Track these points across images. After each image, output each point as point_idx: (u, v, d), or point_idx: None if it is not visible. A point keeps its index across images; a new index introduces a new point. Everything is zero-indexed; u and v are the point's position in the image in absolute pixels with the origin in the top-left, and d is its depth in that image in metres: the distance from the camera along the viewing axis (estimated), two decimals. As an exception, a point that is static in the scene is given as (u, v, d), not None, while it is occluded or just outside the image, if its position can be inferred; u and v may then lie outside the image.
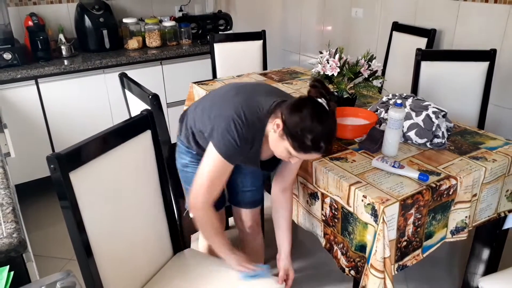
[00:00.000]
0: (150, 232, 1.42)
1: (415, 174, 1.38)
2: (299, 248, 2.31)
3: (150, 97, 1.49)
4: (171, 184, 1.58)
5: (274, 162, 1.48)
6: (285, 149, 1.24)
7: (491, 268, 1.75)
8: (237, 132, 1.27)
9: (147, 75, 2.98)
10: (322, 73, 1.85)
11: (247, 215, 1.72)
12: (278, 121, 1.23)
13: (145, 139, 1.37)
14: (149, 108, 1.50)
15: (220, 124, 1.31)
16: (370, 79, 1.86)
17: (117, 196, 1.26)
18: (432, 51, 2.33)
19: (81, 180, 1.13)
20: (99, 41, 2.99)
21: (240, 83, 1.51)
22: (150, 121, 1.38)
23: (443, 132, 1.58)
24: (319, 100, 1.20)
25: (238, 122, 1.28)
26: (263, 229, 2.03)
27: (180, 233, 1.65)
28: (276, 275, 1.49)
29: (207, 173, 1.32)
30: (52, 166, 1.06)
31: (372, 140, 1.59)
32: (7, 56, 2.56)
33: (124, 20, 3.18)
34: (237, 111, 1.29)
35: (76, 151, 1.13)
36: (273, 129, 1.26)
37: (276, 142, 1.27)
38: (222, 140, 1.29)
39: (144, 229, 1.38)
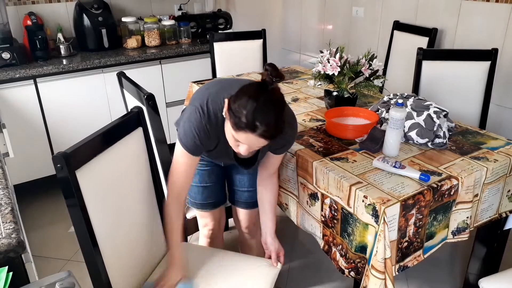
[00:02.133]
0: (146, 227, 1.42)
1: (416, 174, 1.38)
2: (299, 248, 2.30)
3: (145, 97, 1.49)
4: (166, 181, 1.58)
5: (252, 158, 1.45)
6: (229, 131, 1.21)
7: (492, 268, 1.74)
8: (197, 122, 1.27)
9: (146, 75, 2.97)
10: (322, 72, 1.84)
11: (244, 215, 1.72)
12: (226, 101, 1.21)
13: (137, 136, 1.37)
14: (143, 106, 1.50)
15: (185, 114, 1.32)
16: (371, 78, 1.85)
17: (116, 192, 1.27)
18: (434, 51, 2.32)
19: (86, 178, 1.13)
20: (98, 40, 2.98)
21: (226, 78, 1.51)
22: (141, 118, 1.38)
23: (444, 132, 1.57)
24: (267, 82, 1.17)
25: (200, 113, 1.28)
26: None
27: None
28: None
29: (172, 164, 1.35)
30: (59, 165, 1.05)
31: (373, 140, 1.59)
32: (6, 55, 2.55)
33: (123, 19, 3.17)
34: (202, 102, 1.30)
35: (80, 150, 1.13)
36: (224, 113, 1.23)
37: (226, 125, 1.24)
38: (183, 130, 1.30)
39: (141, 224, 1.39)
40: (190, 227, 1.85)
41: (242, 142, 1.20)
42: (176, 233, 1.39)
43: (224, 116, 1.23)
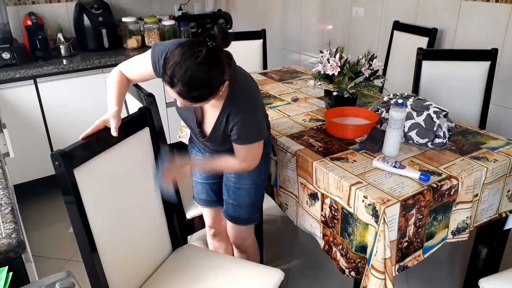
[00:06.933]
0: (150, 227, 1.42)
1: (416, 174, 1.38)
2: (299, 248, 2.30)
3: (145, 96, 1.49)
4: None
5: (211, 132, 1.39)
6: None
7: (492, 268, 1.74)
8: None
9: (146, 75, 2.97)
10: (322, 72, 1.84)
11: (230, 227, 1.66)
12: None
13: (143, 136, 1.37)
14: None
15: None
16: (371, 78, 1.85)
17: (118, 192, 1.27)
18: (433, 51, 2.32)
19: (84, 176, 1.13)
20: (98, 41, 2.98)
21: None
22: (148, 118, 1.38)
23: (444, 132, 1.57)
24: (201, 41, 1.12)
25: None
26: (261, 230, 2.02)
27: (179, 229, 1.65)
28: None
29: None
30: (56, 163, 1.07)
31: (373, 140, 1.59)
32: (6, 55, 2.54)
33: (123, 19, 3.16)
34: None
35: (80, 148, 1.14)
36: None
37: None
38: None
39: (144, 225, 1.39)
40: (192, 226, 1.85)
41: (171, 94, 1.16)
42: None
43: None
